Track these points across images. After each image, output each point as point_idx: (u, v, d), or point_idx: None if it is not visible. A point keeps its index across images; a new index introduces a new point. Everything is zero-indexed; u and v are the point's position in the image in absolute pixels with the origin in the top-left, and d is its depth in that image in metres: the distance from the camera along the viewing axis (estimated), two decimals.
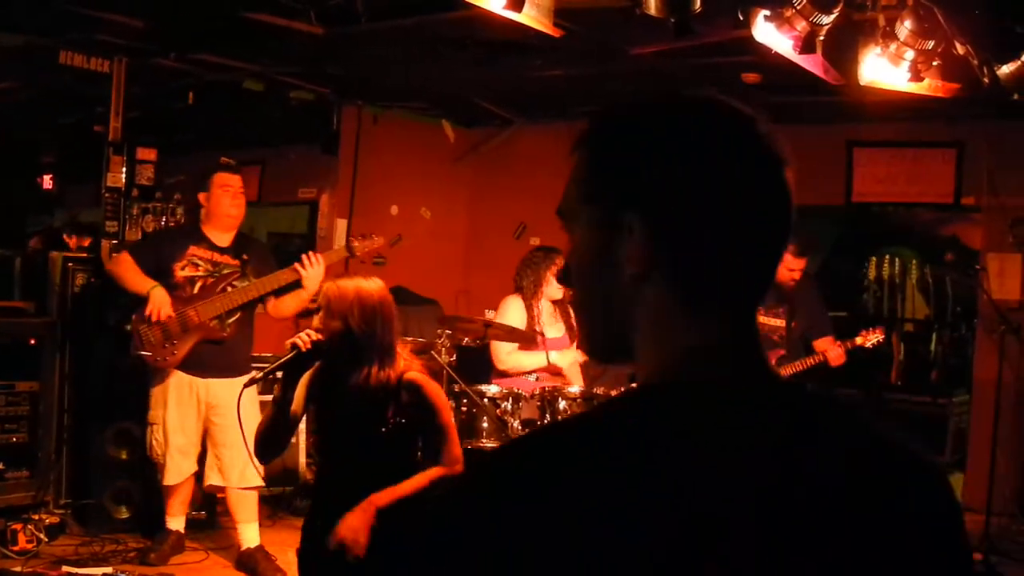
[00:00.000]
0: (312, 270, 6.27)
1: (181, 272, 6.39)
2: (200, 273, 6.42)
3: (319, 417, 4.26)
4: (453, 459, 4.17)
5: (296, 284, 6.34)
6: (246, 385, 4.42)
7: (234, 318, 6.43)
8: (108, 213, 7.77)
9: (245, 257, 6.51)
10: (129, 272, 6.38)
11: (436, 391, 4.23)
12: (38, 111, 10.67)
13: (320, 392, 4.26)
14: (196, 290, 6.39)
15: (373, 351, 4.12)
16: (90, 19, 7.04)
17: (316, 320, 4.18)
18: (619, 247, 1.28)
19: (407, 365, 4.21)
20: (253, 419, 6.54)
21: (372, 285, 4.22)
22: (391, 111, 10.46)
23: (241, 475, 6.47)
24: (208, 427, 6.49)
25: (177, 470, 6.49)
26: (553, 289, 6.87)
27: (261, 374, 4.46)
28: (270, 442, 4.26)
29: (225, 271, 6.46)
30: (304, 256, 6.32)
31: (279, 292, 6.41)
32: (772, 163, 1.30)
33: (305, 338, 4.10)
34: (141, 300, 6.27)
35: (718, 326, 1.27)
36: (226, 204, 6.49)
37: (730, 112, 1.32)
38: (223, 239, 6.54)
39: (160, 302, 6.22)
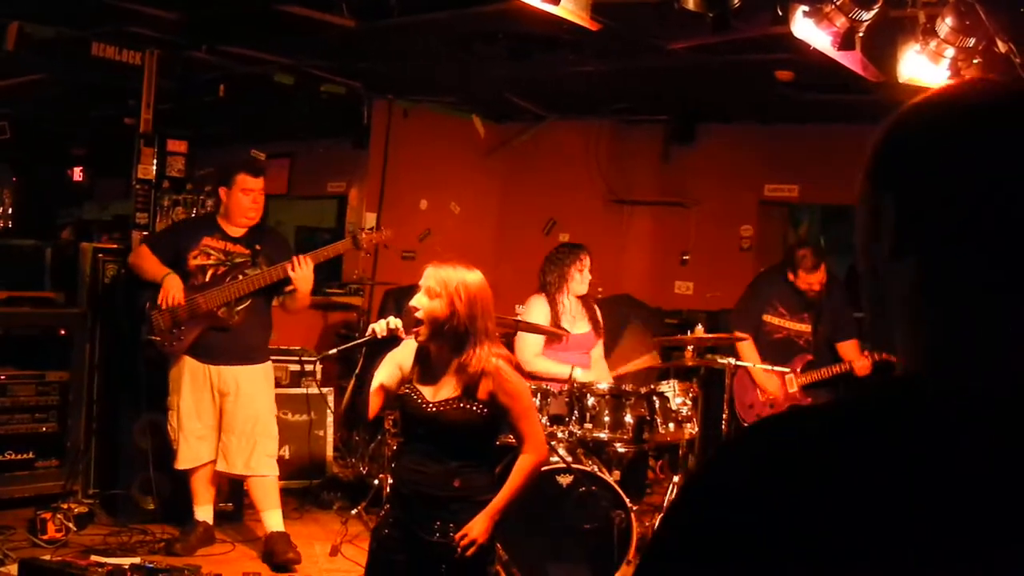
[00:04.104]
0: (301, 271, 6.28)
1: (194, 261, 6.50)
2: (211, 262, 6.51)
3: (409, 400, 4.26)
4: (539, 444, 4.27)
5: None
6: (320, 359, 4.52)
7: (243, 306, 6.47)
8: (139, 205, 7.80)
9: (258, 247, 6.56)
10: (147, 262, 6.54)
11: (515, 376, 4.25)
12: (69, 104, 10.71)
13: (417, 375, 4.29)
14: (207, 278, 6.48)
15: (475, 335, 4.16)
16: (122, 11, 7.05)
17: (415, 301, 4.21)
18: (881, 224, 1.26)
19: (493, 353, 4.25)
20: (260, 401, 6.58)
21: (472, 274, 4.25)
22: (422, 105, 10.45)
23: (246, 463, 6.51)
24: (220, 412, 6.54)
25: (192, 455, 6.54)
26: (577, 284, 6.86)
27: (335, 351, 4.56)
28: (349, 412, 4.41)
29: (237, 259, 6.52)
30: (295, 258, 6.32)
31: (283, 285, 6.43)
32: None
33: (383, 326, 4.19)
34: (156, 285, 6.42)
35: (971, 316, 1.20)
36: (245, 206, 6.55)
37: (1001, 92, 1.25)
38: (237, 231, 6.61)
39: (171, 288, 6.36)
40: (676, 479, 6.95)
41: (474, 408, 4.12)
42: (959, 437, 1.10)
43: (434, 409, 4.15)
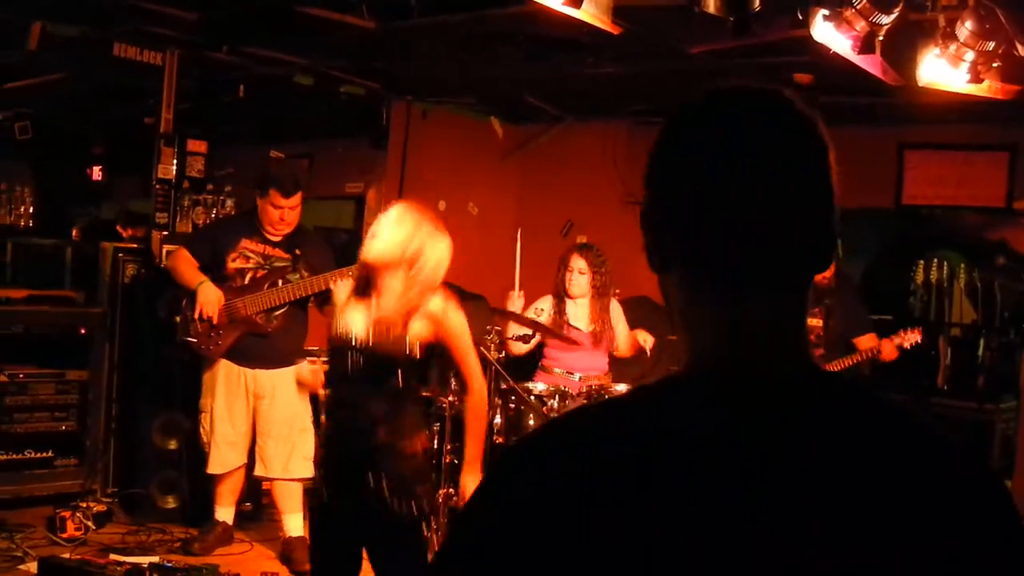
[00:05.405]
0: None
1: (232, 263, 6.46)
2: (251, 265, 6.48)
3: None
4: (477, 386, 4.37)
5: None
6: None
7: (281, 311, 6.46)
8: (159, 205, 7.82)
9: (298, 252, 6.53)
10: (183, 266, 6.49)
11: (448, 320, 4.27)
12: (89, 103, 10.74)
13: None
14: (246, 281, 6.45)
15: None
16: (144, 11, 7.08)
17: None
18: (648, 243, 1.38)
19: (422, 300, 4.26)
20: (296, 403, 6.59)
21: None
22: (441, 106, 10.45)
23: (284, 467, 6.51)
24: (255, 417, 6.53)
25: (222, 460, 6.54)
26: (569, 287, 6.92)
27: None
28: None
29: (276, 263, 6.49)
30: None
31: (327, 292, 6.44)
32: (771, 142, 1.31)
33: None
34: (191, 292, 6.39)
35: (739, 312, 1.30)
36: (273, 219, 6.53)
37: (735, 97, 1.38)
38: (276, 235, 6.57)
39: (208, 299, 6.32)
40: None
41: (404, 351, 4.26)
42: (721, 421, 1.23)
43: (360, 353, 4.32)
